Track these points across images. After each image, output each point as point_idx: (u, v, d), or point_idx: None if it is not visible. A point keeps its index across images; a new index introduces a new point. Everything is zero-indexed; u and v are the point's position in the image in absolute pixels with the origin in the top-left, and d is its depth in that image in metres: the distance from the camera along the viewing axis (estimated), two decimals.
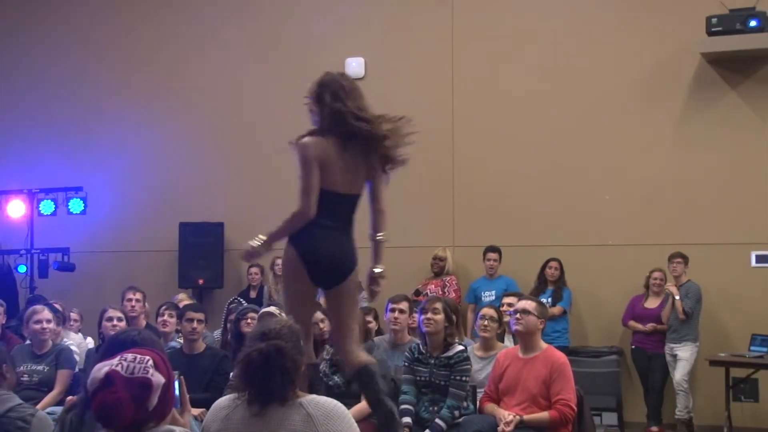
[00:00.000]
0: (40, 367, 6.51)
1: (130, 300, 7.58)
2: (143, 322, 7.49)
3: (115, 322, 6.47)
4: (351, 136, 4.29)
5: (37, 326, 6.63)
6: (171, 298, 8.34)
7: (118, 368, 2.45)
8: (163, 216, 10.73)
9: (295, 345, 3.19)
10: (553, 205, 9.80)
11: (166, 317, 6.99)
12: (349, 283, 4.49)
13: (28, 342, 6.75)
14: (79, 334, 7.86)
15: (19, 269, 10.69)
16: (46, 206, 10.70)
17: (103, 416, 2.42)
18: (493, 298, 9.09)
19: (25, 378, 6.42)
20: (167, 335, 6.90)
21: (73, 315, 8.10)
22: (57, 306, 7.38)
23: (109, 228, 10.93)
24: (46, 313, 6.74)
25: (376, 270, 4.50)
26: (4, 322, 7.47)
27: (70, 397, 5.87)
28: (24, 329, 6.86)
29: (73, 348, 7.04)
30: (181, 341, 6.54)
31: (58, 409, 5.32)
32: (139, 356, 2.51)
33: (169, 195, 10.91)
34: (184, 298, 8.84)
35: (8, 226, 10.95)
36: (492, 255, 9.62)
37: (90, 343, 7.58)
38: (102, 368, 2.46)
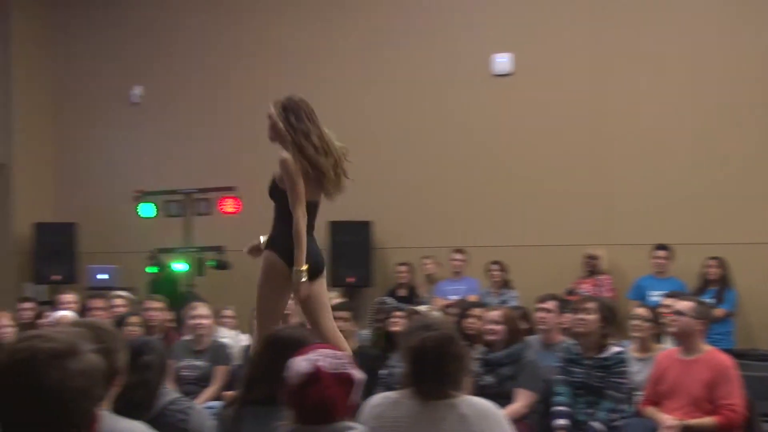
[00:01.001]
0: (198, 363, 6.70)
1: None
2: (296, 320, 7.59)
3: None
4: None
5: (194, 322, 6.84)
6: None
7: (323, 364, 2.47)
8: None
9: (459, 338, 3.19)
10: (718, 201, 9.40)
11: None
12: (322, 281, 4.80)
13: (187, 338, 6.95)
14: (234, 331, 8.04)
15: (177, 268, 11.05)
16: (202, 205, 11.05)
17: (314, 411, 2.46)
18: (660, 298, 8.76)
19: (185, 373, 6.61)
20: None
21: (228, 312, 8.30)
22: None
23: (264, 226, 11.13)
24: (203, 310, 6.94)
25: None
26: (169, 318, 7.73)
27: (227, 393, 6.00)
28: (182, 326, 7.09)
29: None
30: None
31: (217, 405, 5.44)
32: (336, 352, 2.55)
33: None
34: (333, 297, 8.94)
35: (166, 225, 11.34)
36: (661, 253, 9.27)
37: (244, 339, 7.74)
38: (301, 363, 2.48)
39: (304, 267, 4.59)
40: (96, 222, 11.61)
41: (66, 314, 6.80)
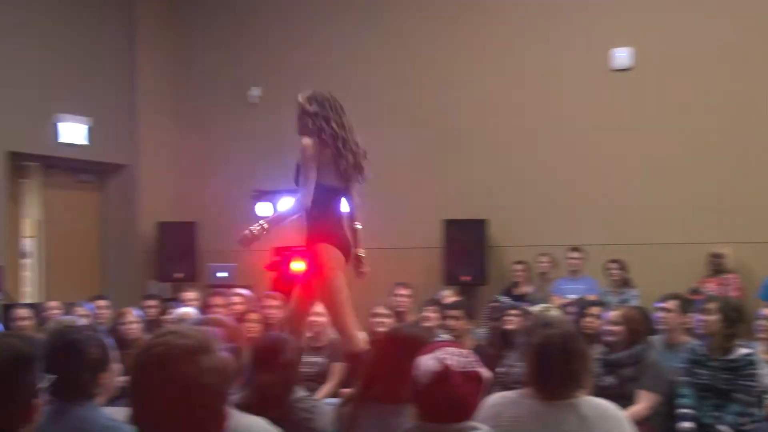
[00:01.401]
0: (316, 360, 6.77)
1: (400, 295, 7.75)
2: (410, 318, 7.62)
3: (379, 318, 6.64)
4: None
5: (310, 319, 6.93)
6: (436, 295, 8.42)
7: (451, 362, 2.47)
8: (428, 213, 10.87)
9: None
10: None
11: (428, 313, 7.09)
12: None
13: (307, 334, 7.03)
14: None
15: (295, 266, 11.19)
16: None
17: (443, 409, 2.47)
18: None
19: (303, 370, 6.68)
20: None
21: None
22: None
23: (377, 225, 11.19)
24: (319, 307, 7.01)
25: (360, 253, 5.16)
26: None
27: (344, 390, 6.04)
28: None
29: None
30: (445, 338, 6.57)
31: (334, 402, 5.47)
32: (462, 351, 2.55)
33: (433, 192, 11.04)
34: (448, 296, 8.91)
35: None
36: None
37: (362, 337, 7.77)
38: (429, 361, 2.49)
39: (266, 225, 4.94)
40: (216, 221, 11.88)
41: (188, 311, 6.97)
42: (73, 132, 11.26)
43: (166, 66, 12.49)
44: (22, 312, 7.51)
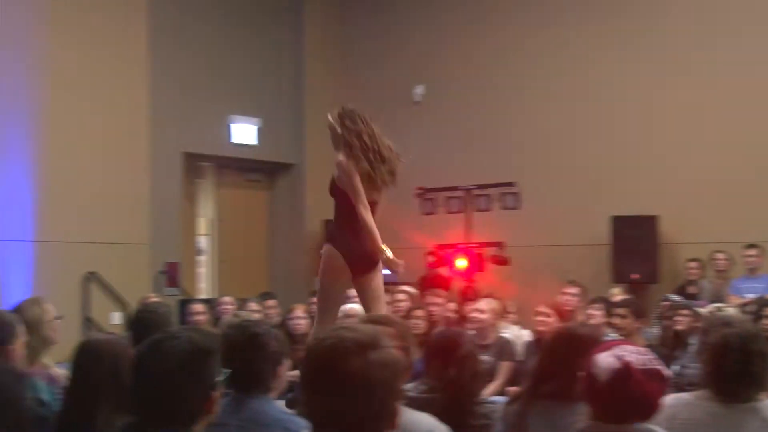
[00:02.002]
0: (484, 358, 6.72)
1: (567, 294, 7.62)
2: (578, 317, 7.46)
3: (541, 317, 6.57)
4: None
5: (473, 317, 6.92)
6: (606, 294, 8.23)
7: (631, 360, 2.42)
8: (595, 209, 10.63)
9: None
10: None
11: (593, 311, 6.94)
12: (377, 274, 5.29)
13: (471, 332, 7.00)
14: (516, 326, 8.02)
15: (459, 263, 11.20)
16: (483, 202, 11.17)
17: (624, 408, 2.42)
18: None
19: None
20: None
21: (510, 307, 8.29)
22: (492, 299, 7.57)
23: (542, 222, 11.06)
24: (482, 305, 6.98)
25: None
26: (451, 312, 7.86)
27: (511, 388, 5.97)
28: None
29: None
30: (613, 337, 6.39)
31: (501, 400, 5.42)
32: (639, 348, 2.49)
33: (600, 188, 10.79)
34: (617, 294, 8.69)
35: (447, 222, 11.54)
36: None
37: (526, 335, 7.70)
38: (608, 359, 2.44)
39: (384, 246, 5.12)
40: (380, 218, 11.95)
41: (354, 307, 7.05)
42: (244, 133, 11.66)
43: (333, 66, 12.72)
44: (198, 307, 7.81)
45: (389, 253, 5.12)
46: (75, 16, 9.88)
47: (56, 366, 4.20)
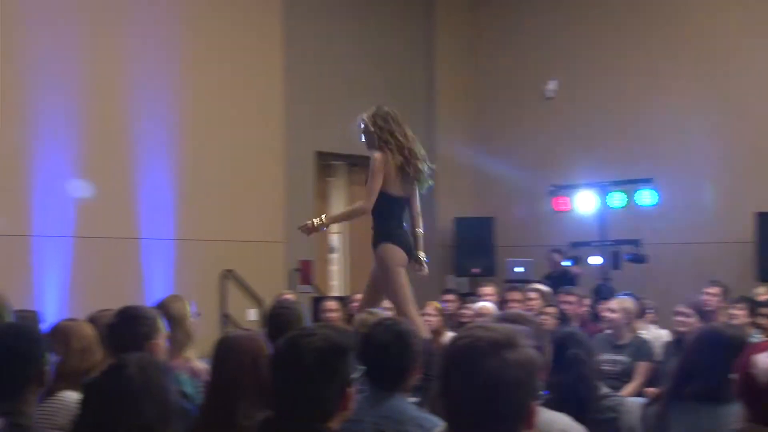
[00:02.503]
0: (619, 358, 6.57)
1: (709, 294, 7.37)
2: (720, 318, 7.19)
3: (681, 317, 6.36)
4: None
5: (606, 316, 6.77)
6: (749, 293, 7.91)
7: None
8: (738, 205, 10.23)
9: None
10: None
11: (736, 311, 6.68)
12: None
13: (608, 331, 6.86)
14: (653, 326, 7.80)
15: (592, 261, 10.99)
16: (617, 199, 10.93)
17: None
18: None
19: (605, 368, 6.51)
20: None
21: (650, 307, 8.07)
22: (627, 298, 7.38)
23: (680, 219, 10.72)
24: (616, 304, 6.83)
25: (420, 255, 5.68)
26: (585, 310, 7.72)
27: (650, 390, 5.81)
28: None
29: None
30: (759, 338, 6.13)
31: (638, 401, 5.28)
32: None
33: (744, 183, 10.37)
34: (762, 293, 8.33)
35: (579, 219, 11.34)
36: None
37: (665, 335, 7.47)
38: (766, 360, 2.35)
39: (326, 222, 5.68)
40: (512, 216, 11.92)
41: (486, 305, 7.01)
42: None
43: (463, 64, 12.69)
44: (331, 304, 7.89)
45: (319, 222, 5.61)
46: (213, 20, 10.16)
47: (198, 360, 4.31)
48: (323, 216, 5.76)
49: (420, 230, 5.78)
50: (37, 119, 8.65)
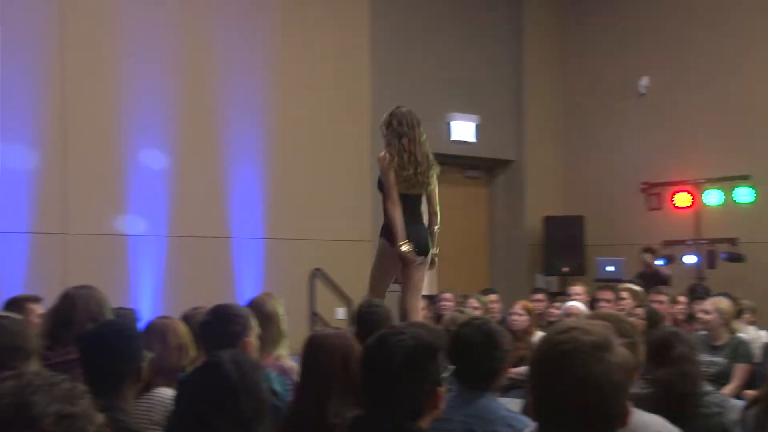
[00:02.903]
0: (716, 359, 6.41)
1: None
2: None
3: None
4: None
5: (700, 317, 6.63)
6: None
7: None
8: None
9: None
10: None
11: None
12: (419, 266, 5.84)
13: (703, 332, 6.70)
14: (753, 327, 7.58)
15: (686, 260, 10.77)
16: (714, 196, 10.68)
17: None
18: None
19: (702, 368, 6.35)
20: None
21: (747, 307, 7.84)
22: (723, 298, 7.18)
23: None
24: (709, 304, 6.67)
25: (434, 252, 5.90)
26: (679, 310, 7.57)
27: (748, 392, 5.65)
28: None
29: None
30: None
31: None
32: None
33: None
34: None
35: (673, 217, 11.11)
36: None
37: (764, 336, 7.25)
38: None
39: (402, 242, 5.62)
40: (603, 214, 11.74)
41: (575, 305, 6.92)
42: (462, 130, 11.70)
43: (553, 61, 12.55)
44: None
45: (405, 248, 5.63)
46: (301, 18, 10.24)
47: (288, 358, 4.35)
48: (404, 243, 5.69)
49: (436, 228, 5.99)
50: (133, 121, 8.86)
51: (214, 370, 2.47)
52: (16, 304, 5.02)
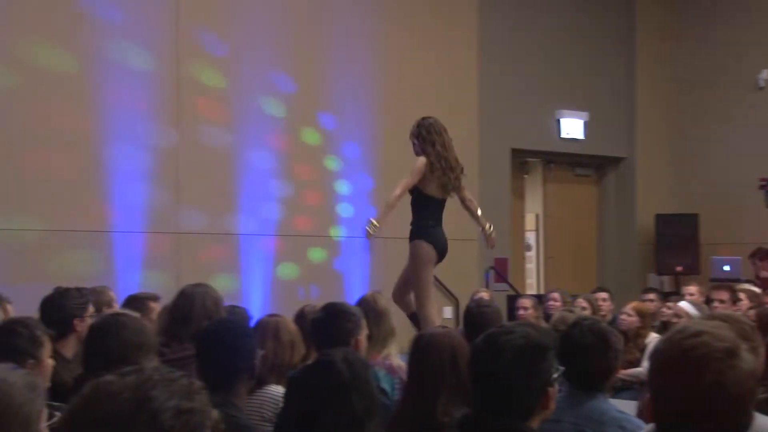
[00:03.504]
0: None
1: None
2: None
3: None
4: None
5: None
6: None
7: None
8: None
9: None
10: None
11: None
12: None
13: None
14: None
15: None
16: None
17: None
18: None
19: None
20: None
21: None
22: None
23: None
24: None
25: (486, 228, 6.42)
26: None
27: None
28: None
29: None
30: None
31: None
32: None
33: None
34: None
35: None
36: None
37: None
38: None
39: (376, 223, 6.06)
40: (719, 212, 11.41)
41: (682, 305, 6.73)
42: (571, 127, 11.54)
43: (666, 56, 12.24)
44: (525, 302, 7.83)
45: (372, 226, 6.04)
46: (407, 17, 10.24)
47: (396, 357, 4.37)
48: (372, 220, 6.17)
49: (479, 211, 6.60)
50: (241, 123, 9.02)
51: (327, 369, 2.50)
52: (136, 301, 5.17)
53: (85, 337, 3.55)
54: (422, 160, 6.04)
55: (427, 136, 6.10)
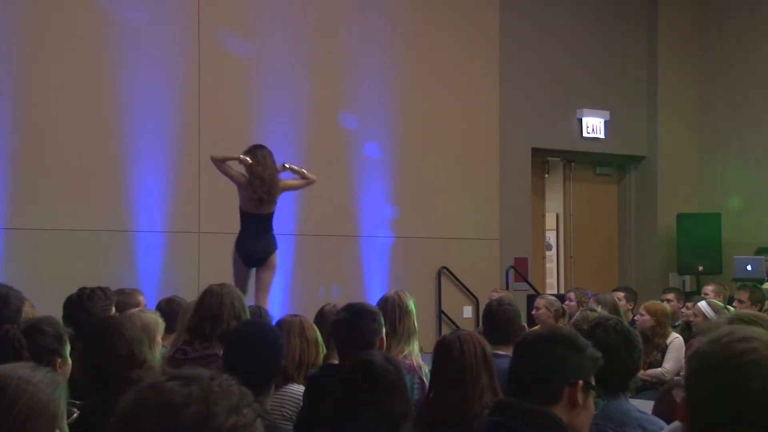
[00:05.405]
0: None
1: None
2: None
3: None
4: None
5: None
6: None
7: None
8: None
9: None
10: None
11: None
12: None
13: None
14: None
15: None
16: None
17: None
18: None
19: None
20: None
21: None
22: None
23: None
24: None
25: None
26: None
27: None
28: None
29: None
30: None
31: None
32: None
33: None
34: None
35: None
36: None
37: None
38: None
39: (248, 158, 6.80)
40: (741, 212, 11.33)
41: (699, 305, 6.68)
42: (592, 126, 11.50)
43: (689, 52, 12.16)
44: (539, 302, 7.73)
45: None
46: (428, 18, 10.24)
47: (417, 356, 4.36)
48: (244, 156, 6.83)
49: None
50: (264, 125, 9.03)
51: (369, 369, 2.50)
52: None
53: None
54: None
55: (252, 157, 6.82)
